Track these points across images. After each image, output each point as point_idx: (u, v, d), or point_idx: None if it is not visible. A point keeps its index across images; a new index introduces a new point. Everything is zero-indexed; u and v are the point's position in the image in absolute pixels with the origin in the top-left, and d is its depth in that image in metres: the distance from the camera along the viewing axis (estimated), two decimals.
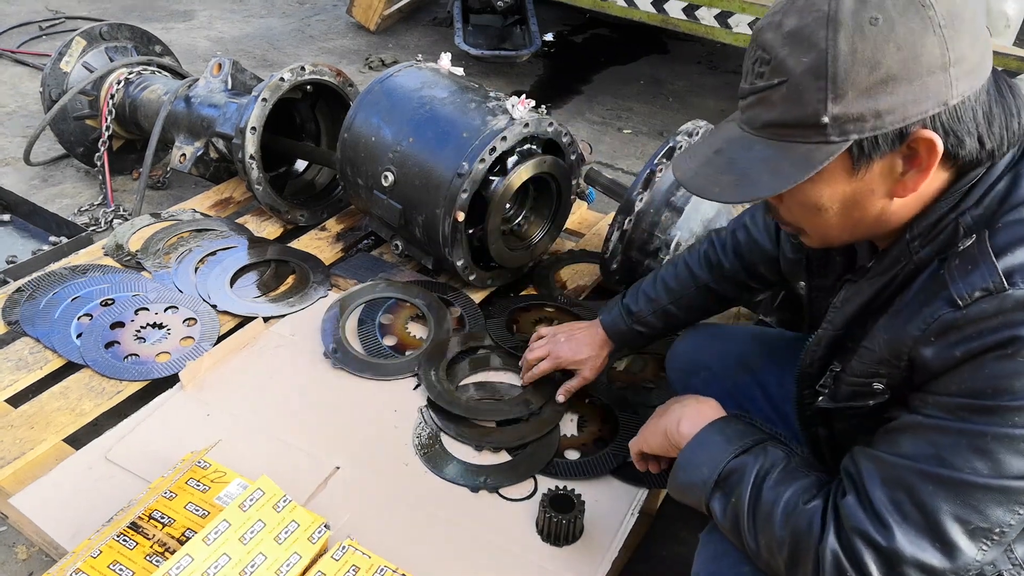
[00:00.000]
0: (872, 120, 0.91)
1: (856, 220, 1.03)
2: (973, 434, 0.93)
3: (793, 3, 0.95)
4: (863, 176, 0.96)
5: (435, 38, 4.74)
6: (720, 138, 1.06)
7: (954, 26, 0.89)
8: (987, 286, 0.92)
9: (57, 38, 4.34)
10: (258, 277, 2.37)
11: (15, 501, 1.63)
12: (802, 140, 0.95)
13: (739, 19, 3.22)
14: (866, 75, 0.89)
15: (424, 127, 2.20)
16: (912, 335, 1.00)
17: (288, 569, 1.41)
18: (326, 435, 1.83)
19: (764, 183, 0.98)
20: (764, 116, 0.98)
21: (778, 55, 0.94)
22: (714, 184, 1.03)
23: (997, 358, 0.91)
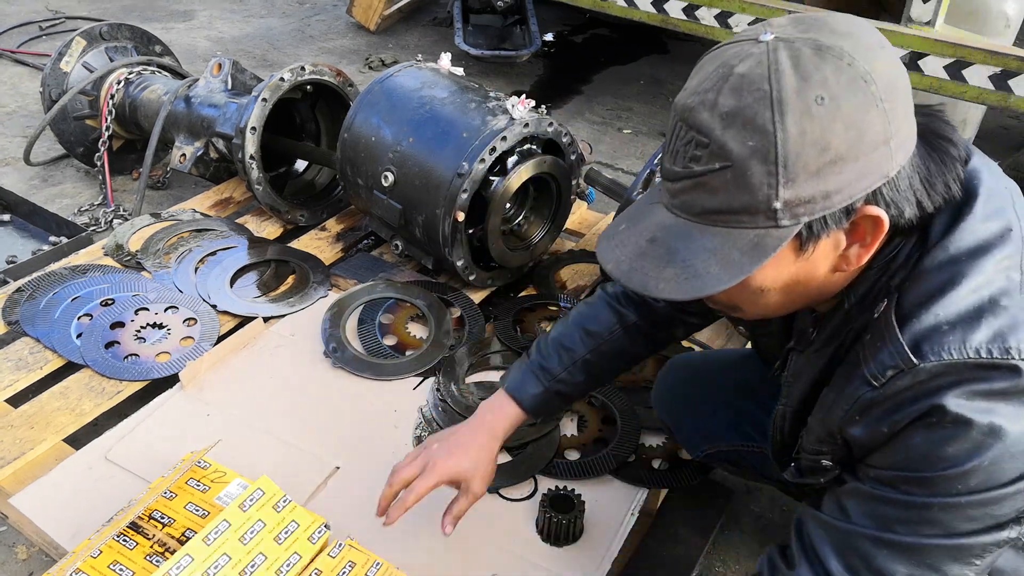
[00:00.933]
0: (822, 201, 0.87)
1: (796, 296, 1.00)
2: (918, 506, 0.93)
3: (725, 80, 0.88)
4: (809, 255, 0.92)
5: (435, 38, 4.74)
6: (652, 224, 0.97)
7: (892, 98, 0.87)
8: (897, 365, 0.92)
9: (57, 38, 4.34)
10: (258, 277, 2.37)
11: (15, 501, 1.63)
12: (749, 226, 0.89)
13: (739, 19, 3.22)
14: (816, 157, 0.85)
15: (424, 127, 2.20)
16: (838, 416, 1.01)
17: (288, 569, 1.41)
18: (326, 435, 1.83)
19: (713, 276, 0.90)
20: (703, 203, 0.90)
21: (717, 138, 0.87)
22: (656, 280, 0.93)
23: (923, 428, 0.91)
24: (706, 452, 1.63)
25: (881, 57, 0.88)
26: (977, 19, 3.19)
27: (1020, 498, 0.91)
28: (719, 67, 0.89)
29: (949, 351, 0.89)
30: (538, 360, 1.49)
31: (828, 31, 0.87)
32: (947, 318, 0.90)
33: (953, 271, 0.92)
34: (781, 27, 0.89)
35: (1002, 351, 0.88)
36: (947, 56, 2.75)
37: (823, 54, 0.85)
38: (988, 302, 0.90)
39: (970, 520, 0.92)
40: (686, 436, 1.67)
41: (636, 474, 1.77)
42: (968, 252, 0.93)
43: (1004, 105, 2.74)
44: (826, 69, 0.85)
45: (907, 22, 2.88)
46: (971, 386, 0.88)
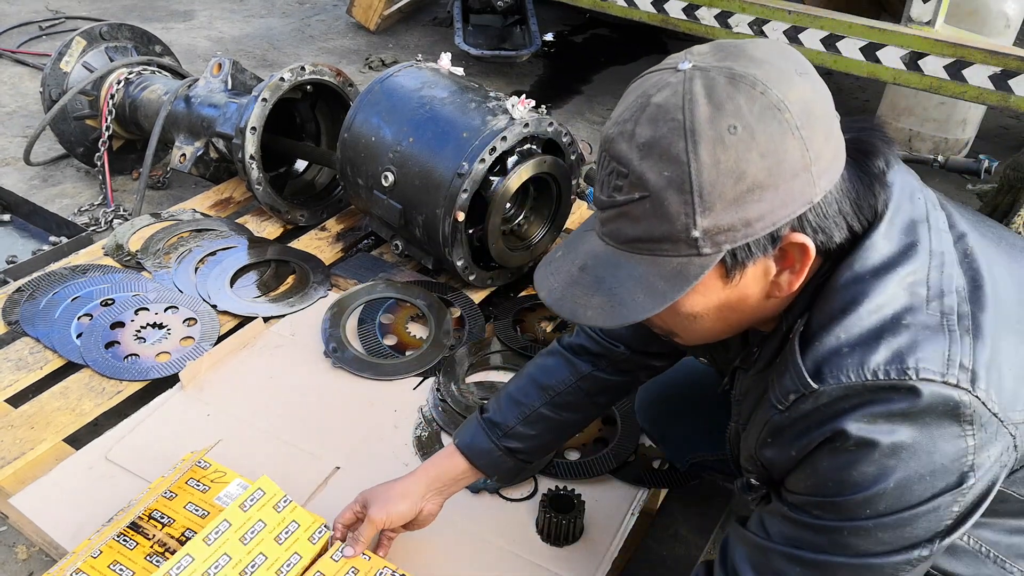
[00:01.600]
0: (743, 229, 0.87)
1: (733, 321, 1.00)
2: (830, 530, 0.94)
3: (643, 110, 0.88)
4: (737, 282, 0.92)
5: (435, 38, 4.74)
6: (583, 252, 0.98)
7: (810, 125, 0.86)
8: (797, 390, 0.91)
9: (57, 38, 4.35)
10: (258, 277, 2.37)
11: (15, 501, 1.63)
12: (672, 254, 0.89)
13: (739, 19, 3.22)
14: (732, 186, 0.84)
15: (424, 127, 2.20)
16: (755, 439, 1.02)
17: (288, 569, 1.41)
18: (326, 435, 1.83)
19: (638, 304, 0.91)
20: (628, 231, 0.91)
21: (635, 168, 0.87)
22: (585, 307, 0.94)
23: (829, 453, 0.91)
24: (691, 461, 1.64)
25: (797, 84, 0.87)
26: (977, 19, 3.20)
27: (932, 518, 0.90)
28: (639, 97, 0.90)
29: (848, 374, 0.88)
30: (490, 415, 1.43)
31: (745, 59, 0.87)
32: (847, 340, 0.90)
33: (856, 291, 0.91)
34: (701, 55, 0.90)
35: (899, 372, 0.87)
36: (947, 56, 2.75)
37: (736, 83, 0.85)
38: (890, 321, 0.89)
39: (880, 543, 0.91)
40: (670, 447, 1.67)
41: (636, 474, 1.77)
42: (872, 271, 0.92)
43: (1004, 105, 2.74)
44: (739, 98, 0.85)
45: (907, 22, 2.88)
46: (871, 408, 0.88)
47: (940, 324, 0.89)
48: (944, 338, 0.88)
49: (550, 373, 1.44)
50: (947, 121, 3.50)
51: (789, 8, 3.10)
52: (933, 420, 0.87)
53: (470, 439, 1.43)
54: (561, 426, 1.45)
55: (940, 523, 0.90)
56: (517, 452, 1.42)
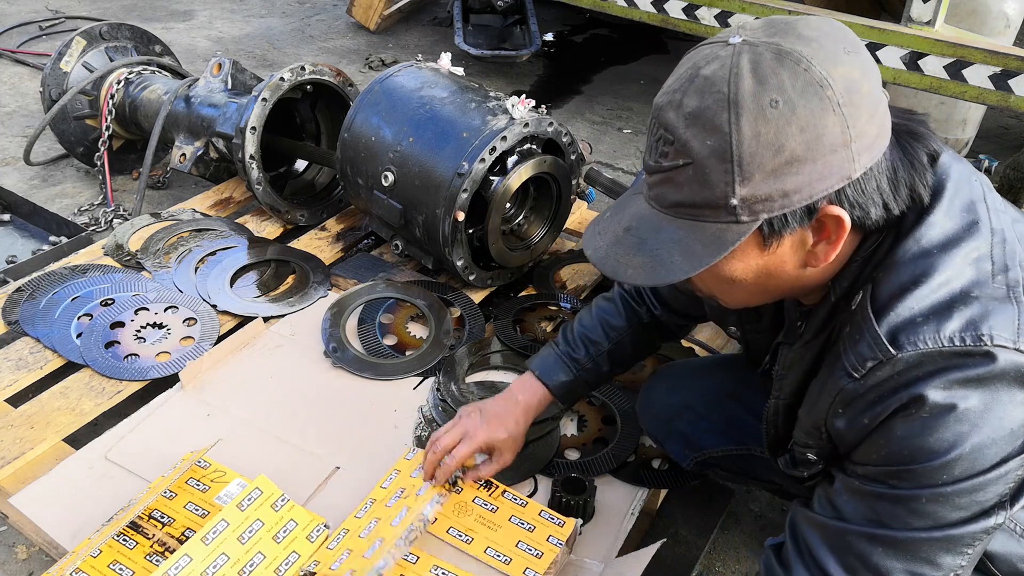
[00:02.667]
0: (780, 200, 0.90)
1: (772, 288, 1.03)
2: (907, 498, 0.95)
3: (691, 82, 0.92)
4: (774, 250, 0.96)
5: (435, 38, 4.74)
6: (629, 214, 1.03)
7: (852, 103, 0.89)
8: (876, 356, 0.94)
9: (57, 38, 4.35)
10: (258, 277, 2.37)
11: (15, 501, 1.63)
12: (712, 220, 0.94)
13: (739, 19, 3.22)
14: (771, 158, 0.88)
15: (424, 127, 2.20)
16: (823, 409, 1.03)
17: (287, 568, 1.41)
18: (326, 435, 1.83)
19: (676, 265, 0.95)
20: (671, 196, 0.96)
21: (681, 136, 0.92)
22: (626, 266, 0.99)
23: (903, 420, 0.93)
24: (694, 460, 1.64)
25: (843, 62, 0.90)
26: (977, 19, 3.20)
27: (1002, 483, 0.92)
28: (689, 68, 0.94)
29: (925, 340, 0.91)
30: (567, 350, 1.60)
31: (794, 36, 0.90)
32: (921, 310, 0.92)
33: (924, 264, 0.94)
34: (752, 31, 0.93)
35: (975, 338, 0.90)
36: (947, 56, 2.75)
37: (782, 59, 0.88)
38: (959, 293, 0.93)
39: (958, 509, 0.93)
40: (673, 447, 1.67)
41: (636, 474, 1.77)
42: (938, 245, 0.95)
43: (1004, 105, 2.74)
44: (783, 74, 0.88)
45: (907, 22, 2.88)
46: (948, 375, 0.90)
47: (1007, 296, 0.93)
48: (1013, 308, 0.92)
49: (615, 315, 1.61)
50: (947, 121, 3.50)
51: (789, 8, 3.11)
52: (1004, 386, 0.90)
53: (551, 371, 1.60)
54: (627, 359, 1.63)
55: (1007, 488, 0.93)
56: (590, 383, 1.62)
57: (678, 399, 1.65)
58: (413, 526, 1.46)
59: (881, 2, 4.00)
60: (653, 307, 1.58)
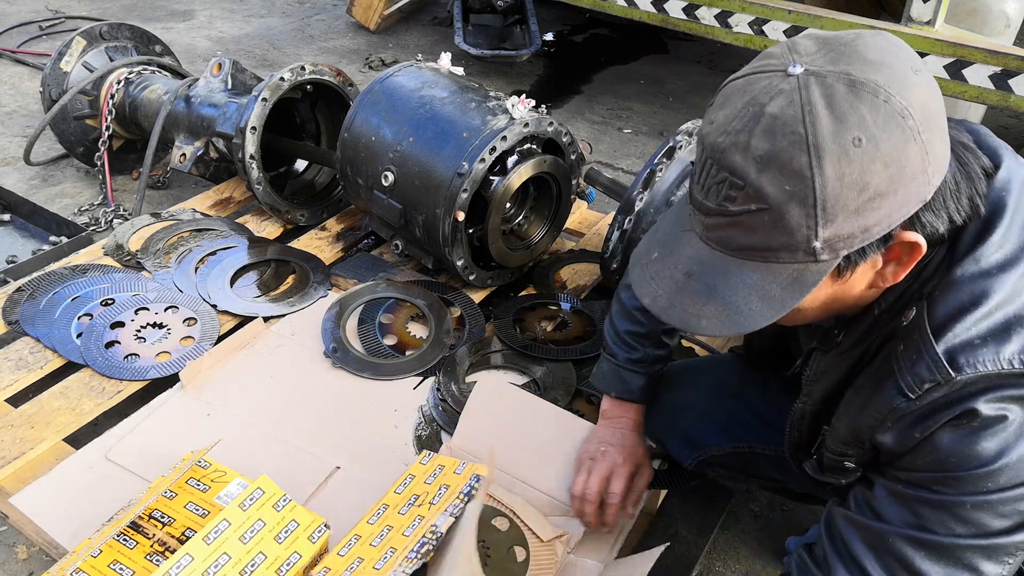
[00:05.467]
0: (860, 235, 0.87)
1: (833, 310, 1.02)
2: (952, 504, 0.95)
3: (756, 121, 0.86)
4: (846, 279, 0.94)
5: (435, 38, 4.74)
6: (687, 257, 0.97)
7: (929, 128, 0.86)
8: (935, 379, 0.93)
9: (57, 38, 4.34)
10: (258, 277, 2.37)
11: (15, 501, 1.63)
12: (788, 261, 0.89)
13: (739, 19, 3.22)
14: (855, 197, 0.84)
15: (424, 127, 2.20)
16: (868, 424, 1.02)
17: (288, 568, 1.41)
18: (326, 435, 1.83)
19: (756, 312, 0.91)
20: (741, 240, 0.90)
21: (753, 182, 0.86)
22: (698, 316, 0.94)
23: (952, 429, 0.94)
24: (696, 459, 1.64)
25: (916, 84, 0.86)
26: (977, 19, 3.20)
27: None
28: (748, 104, 0.87)
29: (984, 363, 0.91)
30: (625, 356, 1.57)
31: (860, 62, 0.85)
32: (979, 332, 0.92)
33: (983, 286, 0.93)
34: (809, 56, 0.87)
35: None
36: (947, 56, 2.75)
37: (858, 91, 0.83)
38: (1013, 316, 0.92)
39: (1001, 517, 0.94)
40: (674, 446, 1.67)
41: None
42: (997, 266, 0.94)
43: (1004, 105, 2.74)
44: (862, 108, 0.83)
45: (907, 22, 2.88)
46: (1002, 391, 0.91)
47: None
48: None
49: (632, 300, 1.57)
50: None
51: (789, 8, 3.11)
52: None
53: (625, 386, 1.58)
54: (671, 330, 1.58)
55: None
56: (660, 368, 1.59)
57: (679, 398, 1.64)
58: (425, 538, 1.45)
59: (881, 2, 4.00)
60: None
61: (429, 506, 1.53)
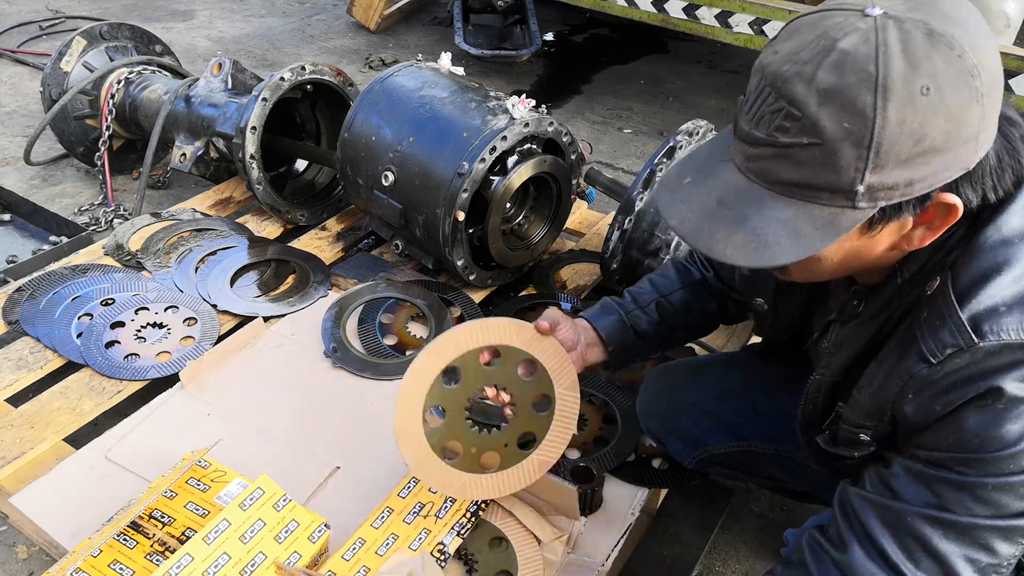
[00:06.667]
0: (903, 188, 0.86)
1: (851, 267, 1.01)
2: (974, 485, 0.95)
3: (826, 54, 0.84)
4: (874, 235, 0.93)
5: (435, 38, 4.74)
6: (722, 185, 0.95)
7: (991, 93, 0.85)
8: (957, 344, 0.93)
9: (57, 38, 4.34)
10: (258, 277, 2.37)
11: (15, 500, 1.63)
12: (826, 203, 0.88)
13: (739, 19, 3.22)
14: (910, 147, 0.83)
15: (424, 127, 2.20)
16: (891, 391, 1.01)
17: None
18: (326, 434, 1.83)
19: (784, 248, 0.90)
20: (783, 174, 0.89)
21: (812, 114, 0.85)
22: (724, 244, 0.93)
23: (977, 410, 0.93)
24: (696, 458, 1.64)
25: (988, 48, 0.86)
26: None
27: None
28: (819, 37, 0.86)
29: (1008, 332, 0.90)
30: (612, 301, 1.57)
31: (939, 15, 0.84)
32: (1003, 300, 0.91)
33: (1007, 253, 0.93)
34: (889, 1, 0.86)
35: None
36: None
37: (934, 41, 0.82)
38: None
39: (1022, 499, 0.94)
40: (674, 445, 1.67)
41: (636, 473, 1.77)
42: (1019, 234, 0.93)
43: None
44: (936, 58, 0.82)
45: None
46: None
47: None
48: None
49: (663, 276, 1.59)
50: None
51: (789, 8, 3.11)
52: None
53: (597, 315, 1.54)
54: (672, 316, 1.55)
55: None
56: (640, 333, 1.53)
57: (679, 397, 1.64)
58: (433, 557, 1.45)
59: None
60: (704, 268, 1.56)
61: (435, 519, 1.53)
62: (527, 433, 1.49)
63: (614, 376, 2.04)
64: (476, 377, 1.46)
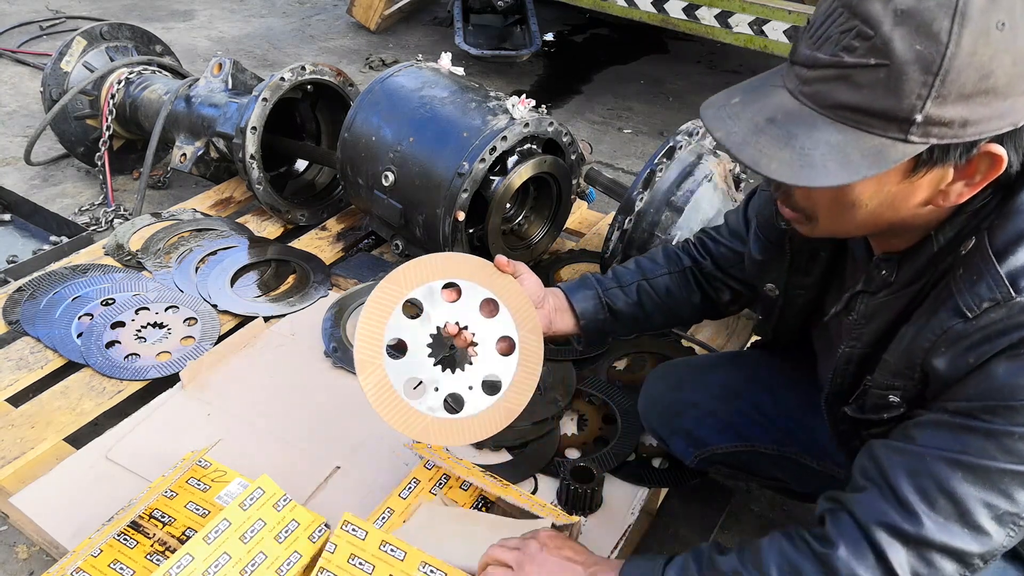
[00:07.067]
0: (957, 128, 0.86)
1: (883, 220, 1.00)
2: (1000, 433, 0.94)
3: None
4: (915, 180, 0.92)
5: (435, 38, 4.74)
6: (772, 106, 0.95)
7: None
8: (995, 297, 0.92)
9: (58, 38, 4.35)
10: (258, 277, 2.37)
11: (16, 500, 1.63)
12: (878, 132, 0.88)
13: (739, 19, 3.22)
14: (974, 81, 0.83)
15: (424, 127, 2.20)
16: (922, 347, 1.00)
17: (288, 568, 1.41)
18: (326, 434, 1.83)
19: (830, 171, 0.89)
20: (841, 96, 0.88)
21: (885, 33, 0.84)
22: (769, 159, 0.92)
23: (1009, 359, 0.92)
24: (698, 457, 1.63)
25: None
26: None
27: None
28: None
29: None
30: (592, 277, 1.56)
31: None
32: None
33: None
34: None
35: None
36: None
37: None
38: None
39: None
40: (676, 444, 1.67)
41: (636, 473, 1.77)
42: None
43: None
44: None
45: None
46: None
47: None
48: None
49: (650, 259, 1.58)
50: None
51: (789, 8, 3.11)
52: None
53: (574, 287, 1.52)
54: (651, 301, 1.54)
55: None
56: (615, 311, 1.52)
57: (682, 396, 1.64)
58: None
59: None
60: (700, 255, 1.55)
61: None
62: (491, 376, 1.44)
63: (613, 376, 2.04)
64: (438, 313, 1.42)
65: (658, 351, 2.09)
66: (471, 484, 1.61)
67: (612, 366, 2.07)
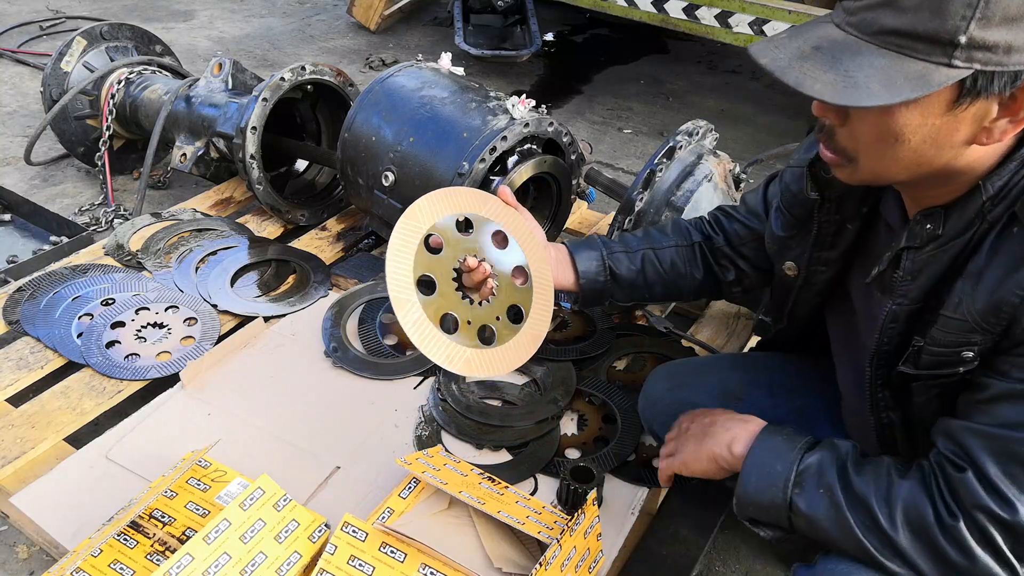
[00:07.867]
0: (1001, 55, 0.87)
1: (925, 159, 1.00)
2: None
3: None
4: (959, 113, 0.93)
5: (435, 38, 4.74)
6: (818, 36, 0.97)
7: None
8: None
9: (58, 38, 4.35)
10: (259, 277, 2.37)
11: (16, 500, 1.63)
12: (922, 57, 0.89)
13: (739, 19, 3.22)
14: (1019, 3, 0.85)
15: (424, 127, 2.20)
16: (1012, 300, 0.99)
17: (288, 568, 1.41)
18: (326, 434, 1.83)
19: (874, 92, 0.90)
20: (887, 21, 0.91)
21: None
22: (814, 80, 0.93)
23: None
24: None
25: None
26: None
27: None
28: None
29: None
30: (598, 238, 1.60)
31: None
32: None
33: None
34: None
35: None
36: None
37: None
38: None
39: None
40: None
41: (636, 473, 1.77)
42: None
43: None
44: None
45: None
46: None
47: None
48: None
49: (660, 230, 1.61)
50: None
51: (789, 8, 3.11)
52: None
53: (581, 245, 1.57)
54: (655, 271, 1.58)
55: None
56: (616, 275, 1.56)
57: (682, 396, 1.64)
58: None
59: None
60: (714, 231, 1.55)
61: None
62: (514, 306, 1.50)
63: (613, 376, 2.04)
64: (455, 247, 1.46)
65: (658, 351, 2.09)
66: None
67: (612, 366, 2.07)
